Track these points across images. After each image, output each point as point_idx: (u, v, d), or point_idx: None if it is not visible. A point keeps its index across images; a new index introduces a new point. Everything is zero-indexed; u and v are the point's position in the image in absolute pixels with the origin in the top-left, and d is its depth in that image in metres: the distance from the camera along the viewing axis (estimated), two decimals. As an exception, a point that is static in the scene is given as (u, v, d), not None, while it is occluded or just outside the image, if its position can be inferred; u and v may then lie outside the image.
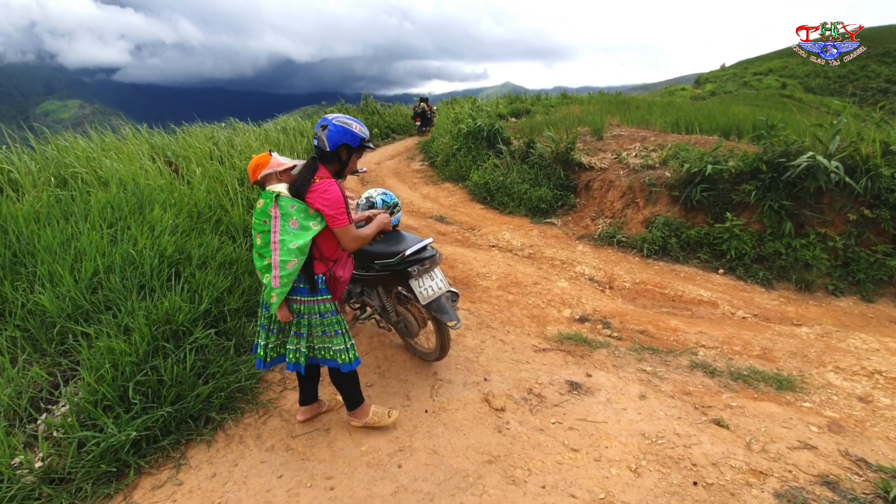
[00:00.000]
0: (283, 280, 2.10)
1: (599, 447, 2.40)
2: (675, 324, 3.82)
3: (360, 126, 2.19)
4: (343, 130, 2.13)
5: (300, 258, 2.10)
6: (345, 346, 2.28)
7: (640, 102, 10.82)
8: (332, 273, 2.23)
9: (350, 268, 2.35)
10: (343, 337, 2.29)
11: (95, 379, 2.42)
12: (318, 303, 2.22)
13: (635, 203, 5.79)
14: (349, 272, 2.34)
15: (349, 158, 2.21)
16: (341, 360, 2.27)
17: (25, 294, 3.04)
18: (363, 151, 2.26)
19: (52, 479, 2.14)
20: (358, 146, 2.19)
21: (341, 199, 2.09)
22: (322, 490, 2.15)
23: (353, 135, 2.15)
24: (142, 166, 5.21)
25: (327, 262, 2.23)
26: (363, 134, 2.19)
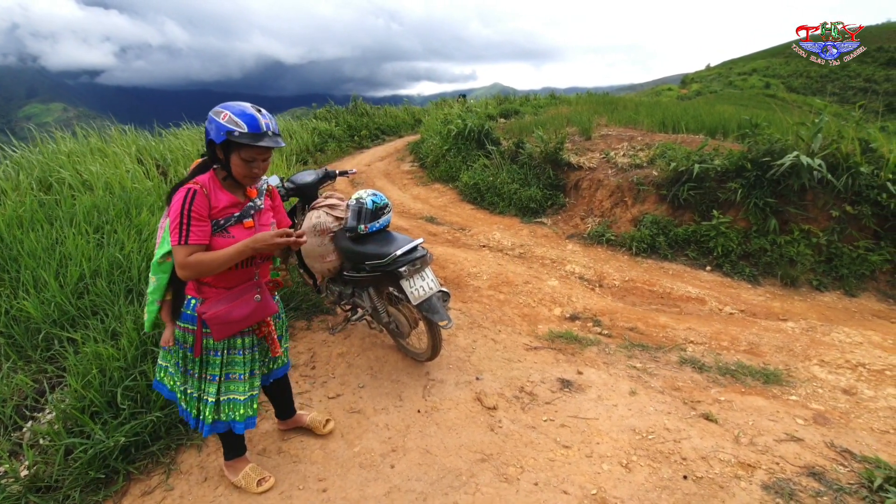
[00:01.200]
0: (149, 296, 1.86)
1: (591, 443, 2.42)
2: (663, 320, 3.87)
3: (234, 115, 1.60)
4: (210, 122, 1.64)
5: (159, 276, 1.82)
6: (161, 363, 1.96)
7: (628, 102, 10.92)
8: (199, 305, 1.78)
9: (240, 308, 1.77)
10: (166, 356, 1.93)
11: (82, 385, 2.39)
12: (179, 329, 1.84)
13: (624, 202, 5.84)
14: (231, 313, 1.74)
15: (227, 159, 1.68)
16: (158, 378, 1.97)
17: (9, 300, 2.99)
18: (253, 151, 1.64)
19: (38, 488, 2.11)
20: (223, 142, 1.62)
21: (178, 209, 1.62)
22: (315, 492, 2.14)
23: (216, 127, 1.61)
24: (128, 169, 5.15)
25: (199, 285, 1.80)
26: (232, 126, 1.59)
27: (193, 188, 1.66)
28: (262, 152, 1.68)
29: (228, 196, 1.75)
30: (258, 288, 1.85)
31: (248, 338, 1.92)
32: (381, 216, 2.98)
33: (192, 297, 1.81)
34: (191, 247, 1.64)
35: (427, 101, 20.14)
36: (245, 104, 1.67)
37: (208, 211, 1.69)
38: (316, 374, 3.02)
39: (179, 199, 1.64)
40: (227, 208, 1.74)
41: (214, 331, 1.75)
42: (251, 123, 1.61)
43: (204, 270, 1.65)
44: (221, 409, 1.91)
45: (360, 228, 2.92)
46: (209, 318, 1.72)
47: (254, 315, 1.82)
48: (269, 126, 1.65)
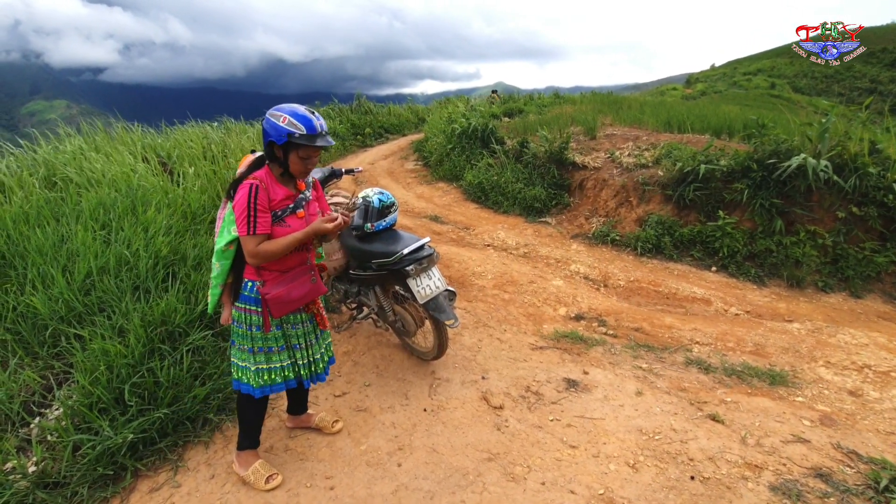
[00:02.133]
0: (213, 281, 1.99)
1: (597, 443, 2.42)
2: (669, 321, 3.86)
3: (292, 118, 1.77)
4: (269, 125, 1.81)
5: (222, 262, 1.95)
6: (237, 363, 2.06)
7: (632, 102, 10.89)
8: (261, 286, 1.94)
9: (298, 289, 1.97)
10: (239, 353, 2.04)
11: (90, 381, 2.39)
12: (238, 310, 2.00)
13: (629, 202, 5.83)
14: (290, 293, 1.94)
15: (286, 157, 1.85)
16: (235, 376, 2.08)
17: (16, 297, 3.00)
18: (309, 150, 1.82)
19: (46, 484, 2.11)
20: (284, 143, 1.79)
21: (244, 202, 1.79)
22: (322, 490, 2.15)
23: (277, 129, 1.78)
24: (133, 167, 5.16)
25: (259, 270, 1.95)
26: (293, 128, 1.76)
27: (255, 183, 1.82)
28: (316, 150, 1.86)
29: (284, 189, 1.92)
30: (312, 271, 2.05)
31: (302, 314, 2.10)
32: (388, 215, 2.98)
33: (250, 279, 1.95)
34: (258, 237, 1.83)
35: (431, 99, 20.14)
36: (298, 106, 1.84)
37: (268, 203, 1.85)
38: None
39: (245, 194, 1.80)
40: (283, 200, 1.91)
41: (274, 309, 1.93)
42: (308, 125, 1.79)
43: (272, 257, 1.86)
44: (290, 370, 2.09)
45: (367, 227, 2.92)
46: (272, 298, 1.90)
47: (309, 294, 2.02)
48: (322, 127, 1.83)
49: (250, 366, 2.03)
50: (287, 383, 2.10)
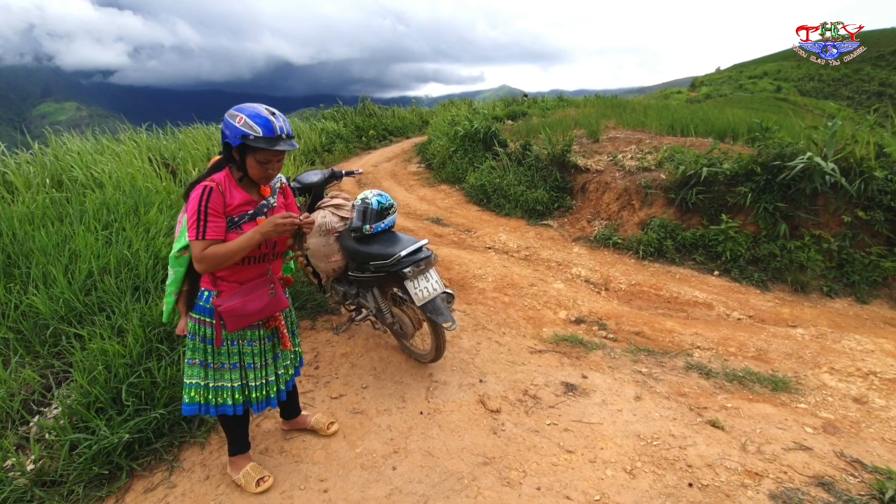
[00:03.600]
0: (167, 288, 1.94)
1: (595, 448, 2.40)
2: (670, 325, 3.83)
3: (249, 118, 1.63)
4: (224, 125, 1.68)
5: (176, 269, 1.88)
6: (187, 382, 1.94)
7: (636, 105, 10.86)
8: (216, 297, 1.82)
9: (254, 302, 1.82)
10: (189, 369, 1.92)
11: (88, 381, 2.41)
12: (192, 321, 1.89)
13: (631, 205, 5.80)
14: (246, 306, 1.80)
15: (243, 161, 1.71)
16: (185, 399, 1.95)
17: (19, 296, 3.03)
18: (268, 154, 1.68)
19: (44, 482, 2.12)
20: (239, 146, 1.66)
21: (195, 205, 1.67)
22: (316, 493, 2.14)
23: (232, 130, 1.64)
24: (138, 168, 5.20)
25: (214, 279, 1.84)
26: (248, 130, 1.62)
27: (210, 185, 1.71)
28: (276, 154, 1.72)
29: (243, 194, 1.79)
30: (271, 284, 1.91)
31: (260, 330, 1.97)
32: (387, 217, 2.98)
33: (206, 289, 1.85)
34: (207, 242, 1.69)
35: (435, 102, 20.18)
36: (259, 106, 1.69)
37: (224, 208, 1.73)
38: (319, 374, 3.02)
39: (196, 196, 1.69)
40: (242, 206, 1.78)
41: (228, 323, 1.81)
42: (266, 127, 1.64)
43: (219, 262, 1.69)
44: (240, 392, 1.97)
45: (366, 229, 2.92)
46: (224, 310, 1.78)
47: (267, 309, 1.88)
48: (283, 129, 1.68)
49: (201, 381, 1.92)
50: (235, 408, 1.95)
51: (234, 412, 1.97)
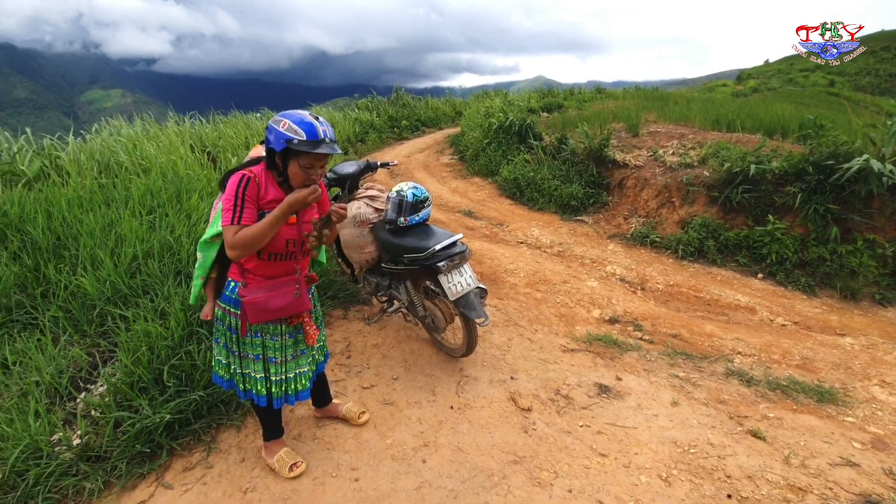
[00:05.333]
0: (196, 271, 1.96)
1: (629, 453, 2.34)
2: (710, 329, 3.69)
3: (293, 123, 1.64)
4: (269, 131, 1.69)
5: (205, 253, 1.90)
6: (217, 359, 2.02)
7: (679, 98, 10.48)
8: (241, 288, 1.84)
9: (278, 299, 1.82)
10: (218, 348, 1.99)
11: (132, 361, 2.50)
12: (220, 308, 1.92)
13: (671, 202, 5.61)
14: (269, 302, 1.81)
15: (285, 166, 1.72)
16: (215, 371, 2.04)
17: (68, 276, 3.16)
18: (311, 158, 1.67)
19: (88, 457, 2.22)
20: (283, 150, 1.66)
21: (233, 192, 1.69)
22: (347, 481, 2.16)
23: (276, 135, 1.65)
24: (181, 156, 5.35)
25: (242, 271, 1.85)
26: (291, 134, 1.62)
27: (248, 175, 1.72)
28: (319, 159, 1.71)
29: (277, 190, 1.79)
30: (297, 284, 1.89)
31: (282, 325, 1.96)
32: (421, 209, 2.96)
33: (234, 280, 1.87)
34: (241, 227, 1.69)
35: (468, 93, 20.01)
36: (303, 112, 1.71)
37: (257, 198, 1.74)
38: (351, 364, 3.05)
39: (234, 184, 1.71)
40: (273, 202, 1.76)
41: (250, 315, 1.82)
42: (309, 131, 1.64)
43: (251, 244, 1.67)
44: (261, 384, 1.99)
45: (400, 221, 2.91)
46: (247, 303, 1.80)
47: (289, 308, 1.88)
48: (326, 133, 1.68)
49: (224, 360, 1.98)
50: (259, 398, 1.98)
51: (258, 402, 2.00)
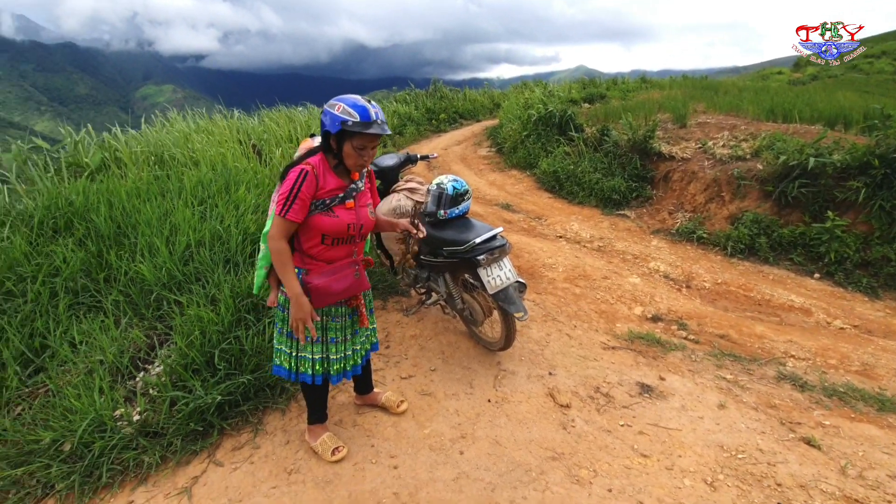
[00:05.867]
0: (259, 262, 2.05)
1: (672, 455, 2.28)
2: (760, 330, 3.53)
3: (347, 106, 1.74)
4: (325, 115, 1.78)
5: (266, 244, 1.97)
6: (277, 348, 2.11)
7: (730, 87, 9.97)
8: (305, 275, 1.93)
9: (340, 282, 1.94)
10: (279, 337, 2.09)
11: (186, 344, 2.63)
12: (283, 295, 1.99)
13: (720, 197, 5.37)
14: (332, 285, 1.92)
15: (339, 148, 1.81)
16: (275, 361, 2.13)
17: (128, 263, 3.35)
18: (363, 139, 1.78)
19: (147, 433, 2.36)
20: (338, 132, 1.75)
21: (290, 185, 1.78)
22: (386, 468, 2.21)
23: (331, 118, 1.75)
24: (229, 149, 5.56)
25: (304, 257, 1.95)
26: (346, 116, 1.72)
27: (307, 169, 1.80)
28: (371, 140, 1.80)
29: (336, 179, 1.89)
30: (356, 266, 2.02)
31: (342, 307, 2.08)
32: (461, 202, 2.96)
33: (297, 267, 1.95)
34: (287, 221, 1.81)
35: (507, 84, 19.75)
36: (356, 96, 1.80)
37: (314, 193, 1.82)
38: (390, 354, 3.10)
39: (293, 178, 1.79)
40: (334, 189, 1.87)
41: (314, 299, 1.91)
42: (363, 113, 1.73)
43: (274, 256, 1.83)
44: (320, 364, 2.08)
45: (440, 214, 2.92)
46: (313, 287, 1.90)
47: (350, 289, 2.00)
48: (377, 115, 1.77)
49: (286, 349, 2.07)
50: (314, 378, 2.07)
51: (313, 381, 2.09)
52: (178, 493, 2.11)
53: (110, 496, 2.12)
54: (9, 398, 2.54)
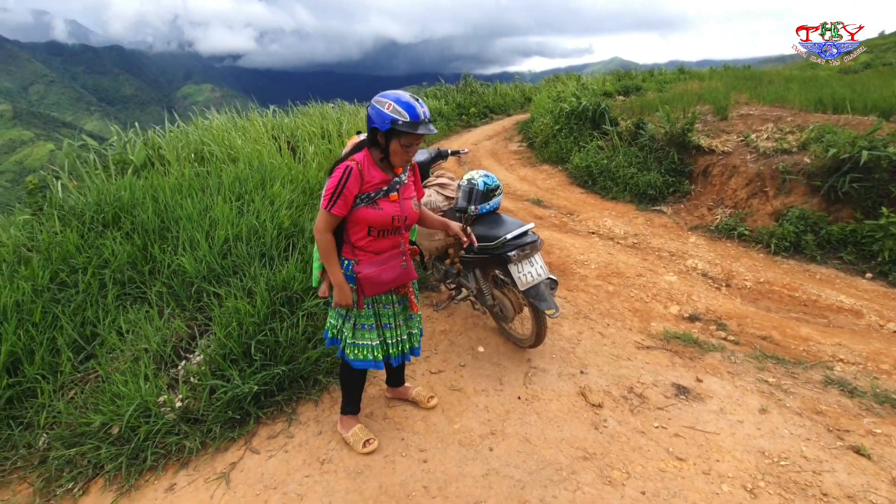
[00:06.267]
0: (315, 255, 2.12)
1: (709, 459, 2.20)
2: (806, 332, 3.36)
3: (397, 105, 1.77)
4: (373, 111, 1.82)
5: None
6: (331, 322, 2.20)
7: (775, 77, 9.50)
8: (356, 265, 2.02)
9: (388, 272, 2.02)
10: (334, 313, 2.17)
11: (224, 335, 2.72)
12: None
13: (763, 192, 5.14)
14: (381, 275, 2.00)
15: (387, 144, 1.85)
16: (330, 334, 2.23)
17: (171, 256, 3.49)
18: (411, 138, 1.82)
19: (188, 419, 2.46)
20: (387, 130, 1.79)
21: (336, 180, 1.85)
22: (416, 461, 2.23)
23: (381, 116, 1.79)
24: (265, 145, 5.70)
25: (353, 249, 2.04)
26: (396, 115, 1.76)
27: (352, 166, 1.87)
28: (419, 138, 1.86)
29: (380, 173, 1.95)
30: (403, 256, 2.09)
31: (393, 295, 2.18)
32: (492, 198, 2.94)
33: (347, 259, 2.05)
34: (331, 215, 1.90)
35: (538, 77, 19.47)
36: (404, 93, 1.84)
37: (359, 189, 1.89)
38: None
39: (339, 174, 1.86)
40: (378, 184, 1.94)
41: (366, 288, 2.01)
42: (412, 113, 1.78)
43: (319, 246, 1.96)
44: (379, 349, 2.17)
45: (471, 209, 2.91)
46: (363, 277, 1.99)
47: (399, 279, 2.08)
48: (425, 114, 1.82)
49: (336, 322, 2.16)
50: (376, 363, 2.16)
51: (375, 367, 2.17)
52: (217, 477, 2.20)
53: (154, 478, 2.22)
54: (63, 383, 2.69)
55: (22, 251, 3.45)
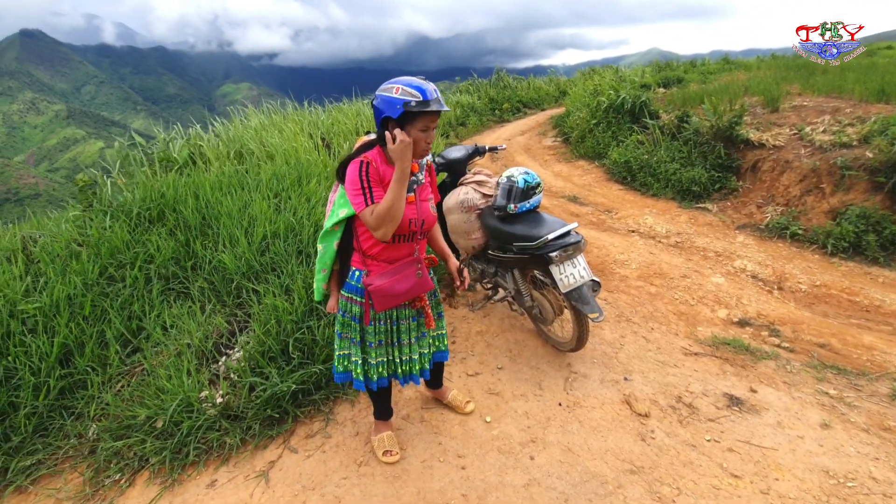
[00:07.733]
0: (317, 265, 1.96)
1: (767, 477, 2.06)
2: (869, 340, 3.12)
3: (405, 87, 1.63)
4: (382, 100, 1.66)
5: (326, 243, 1.91)
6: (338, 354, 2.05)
7: (829, 66, 8.92)
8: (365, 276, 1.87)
9: (402, 282, 1.85)
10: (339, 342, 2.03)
11: (263, 332, 2.74)
12: (343, 299, 1.96)
13: (819, 189, 4.82)
14: (394, 286, 1.84)
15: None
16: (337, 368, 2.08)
17: (212, 252, 3.55)
18: (427, 119, 1.67)
19: (228, 415, 2.48)
20: (400, 116, 1.63)
21: (356, 177, 1.70)
22: (454, 468, 2.18)
23: (390, 102, 1.63)
24: (301, 143, 5.75)
25: (364, 258, 1.89)
26: (408, 97, 1.61)
27: (365, 160, 1.72)
28: (433, 119, 1.69)
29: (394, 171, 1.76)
30: (419, 264, 1.91)
31: (407, 310, 2.01)
32: (532, 196, 2.85)
33: (357, 269, 1.90)
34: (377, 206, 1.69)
35: (572, 70, 19.01)
36: (409, 77, 1.69)
37: (380, 180, 1.74)
38: (455, 350, 3.07)
39: (355, 171, 1.72)
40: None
41: (376, 302, 1.84)
42: (422, 92, 1.63)
43: (387, 217, 1.67)
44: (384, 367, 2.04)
45: (510, 208, 2.83)
46: (374, 290, 1.82)
47: (414, 290, 1.90)
48: (435, 92, 1.66)
49: (352, 355, 2.00)
50: (379, 381, 2.03)
51: (378, 386, 2.05)
52: (257, 475, 2.21)
53: (196, 473, 2.25)
54: (111, 375, 2.78)
55: (73, 246, 3.58)
